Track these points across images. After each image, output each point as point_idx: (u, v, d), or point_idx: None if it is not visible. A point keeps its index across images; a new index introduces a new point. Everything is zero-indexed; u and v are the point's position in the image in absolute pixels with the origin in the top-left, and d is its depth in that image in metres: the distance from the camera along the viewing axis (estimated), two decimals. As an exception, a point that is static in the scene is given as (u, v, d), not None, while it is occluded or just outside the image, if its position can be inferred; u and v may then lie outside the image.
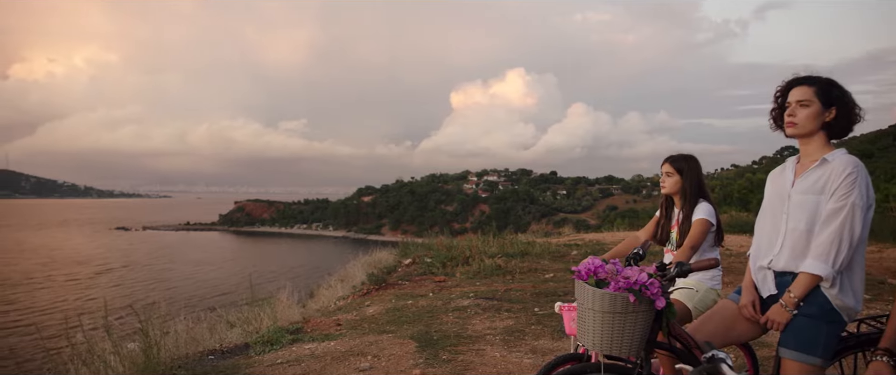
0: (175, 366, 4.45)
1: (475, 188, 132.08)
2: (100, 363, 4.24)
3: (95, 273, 57.23)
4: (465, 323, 5.83)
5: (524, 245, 12.07)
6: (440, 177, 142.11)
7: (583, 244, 13.08)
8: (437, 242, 12.32)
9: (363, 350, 4.86)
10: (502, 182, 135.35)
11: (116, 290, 46.82)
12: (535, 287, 7.92)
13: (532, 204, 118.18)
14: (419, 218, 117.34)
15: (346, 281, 10.91)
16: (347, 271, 11.98)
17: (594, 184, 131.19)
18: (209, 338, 6.05)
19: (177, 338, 5.19)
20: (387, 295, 7.97)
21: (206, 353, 5.11)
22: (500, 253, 10.70)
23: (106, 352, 4.38)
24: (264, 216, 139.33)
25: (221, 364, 4.70)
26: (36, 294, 44.19)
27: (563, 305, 3.21)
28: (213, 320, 6.98)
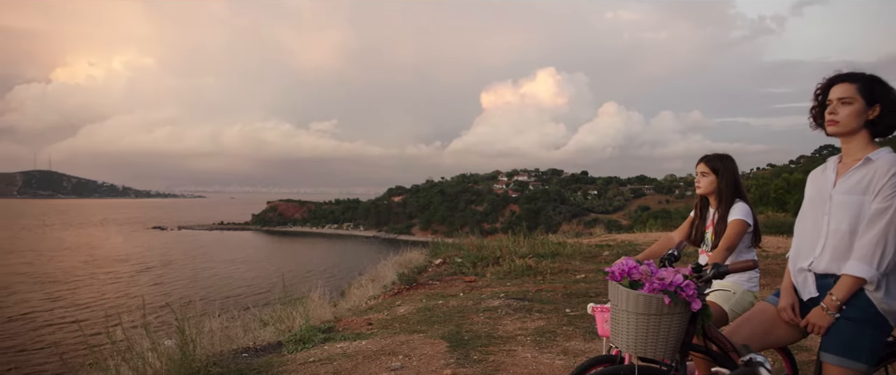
0: (210, 363, 4.52)
1: (505, 188, 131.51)
2: (138, 359, 4.33)
3: (136, 271, 58.67)
4: (495, 324, 5.82)
5: (555, 245, 11.99)
6: (470, 177, 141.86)
7: (614, 244, 12.94)
8: (468, 242, 12.31)
9: (394, 350, 4.88)
10: (533, 182, 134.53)
11: (155, 288, 47.94)
12: (566, 287, 7.86)
13: (563, 205, 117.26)
14: (449, 219, 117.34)
15: (377, 280, 10.97)
16: (378, 271, 12.05)
17: (626, 184, 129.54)
18: (243, 336, 6.14)
19: (212, 336, 5.28)
20: (417, 294, 7.99)
21: (241, 351, 5.20)
22: (531, 254, 10.64)
23: (144, 349, 4.48)
24: (296, 216, 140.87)
25: (255, 362, 4.77)
26: (79, 291, 45.55)
27: (595, 306, 3.18)
28: (247, 318, 7.08)
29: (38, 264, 62.49)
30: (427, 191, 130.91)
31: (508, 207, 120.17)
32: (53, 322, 33.81)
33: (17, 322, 33.73)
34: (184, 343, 4.39)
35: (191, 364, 4.32)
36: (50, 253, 73.71)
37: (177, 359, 4.33)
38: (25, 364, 22.97)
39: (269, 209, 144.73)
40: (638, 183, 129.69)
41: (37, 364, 22.96)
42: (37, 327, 32.56)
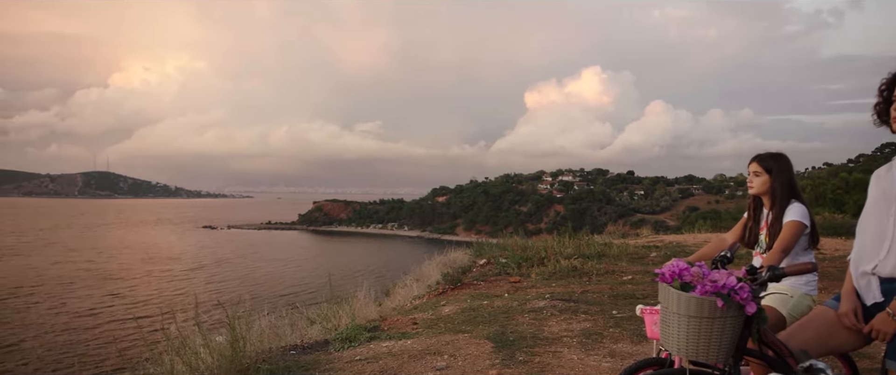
0: (259, 360, 4.61)
1: (550, 188, 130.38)
2: (191, 354, 4.45)
3: (189, 269, 60.47)
4: (541, 325, 5.77)
5: (601, 246, 11.82)
6: (514, 177, 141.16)
7: (662, 245, 12.68)
8: (512, 242, 12.24)
9: (439, 350, 4.89)
10: (578, 182, 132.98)
11: (207, 286, 49.29)
12: (612, 289, 7.74)
13: (608, 205, 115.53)
14: (493, 219, 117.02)
15: (422, 280, 11.01)
16: (422, 270, 12.10)
17: (673, 184, 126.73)
18: (291, 334, 6.25)
19: (261, 333, 5.39)
20: (462, 294, 8.00)
21: (288, 348, 5.29)
22: (576, 255, 10.52)
23: (197, 345, 4.60)
24: (341, 216, 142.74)
25: (302, 359, 4.85)
26: (138, 288, 47.26)
27: (644, 308, 3.11)
28: (295, 317, 7.21)
29: (100, 261, 65.14)
30: (471, 192, 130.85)
31: (553, 207, 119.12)
32: (114, 317, 35.21)
33: (83, 318, 35.26)
34: (234, 340, 4.49)
35: (241, 361, 4.42)
36: (110, 252, 76.72)
37: (228, 356, 4.43)
38: (88, 359, 23.98)
39: (315, 209, 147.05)
40: (686, 183, 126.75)
41: (98, 358, 23.96)
42: (99, 323, 33.94)
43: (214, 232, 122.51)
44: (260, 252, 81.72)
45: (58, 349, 26.99)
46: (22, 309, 37.91)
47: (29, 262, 62.77)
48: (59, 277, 51.68)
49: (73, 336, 30.25)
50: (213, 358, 4.43)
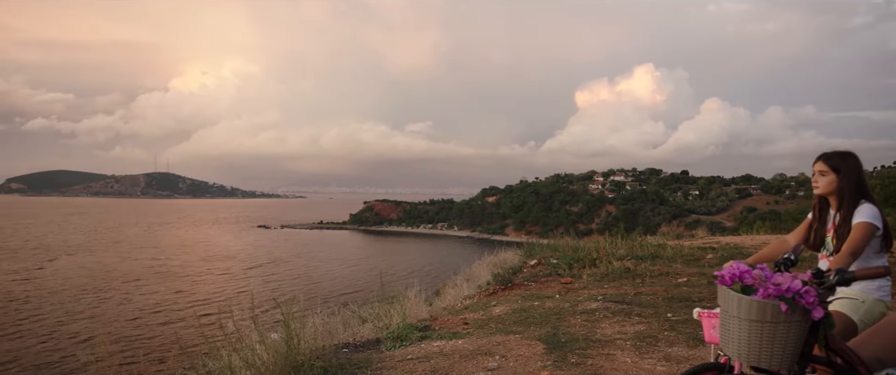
0: (313, 357, 4.70)
1: (601, 188, 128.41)
2: (248, 351, 4.57)
3: (247, 267, 62.27)
4: (593, 326, 5.69)
5: (654, 247, 11.56)
6: (565, 177, 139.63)
7: (719, 247, 12.30)
8: (563, 243, 12.10)
9: (490, 350, 4.88)
10: (630, 182, 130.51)
11: (263, 284, 50.68)
12: (667, 291, 7.56)
13: (662, 205, 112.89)
14: (544, 219, 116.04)
15: (472, 280, 11.01)
16: (473, 270, 12.10)
17: (730, 184, 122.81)
18: (343, 332, 6.36)
19: (315, 331, 5.50)
20: (513, 295, 7.96)
21: (341, 346, 5.38)
22: (629, 256, 10.33)
23: (253, 341, 4.73)
24: (392, 216, 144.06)
25: (355, 357, 4.92)
26: (198, 286, 49.00)
27: (702, 311, 3.03)
28: (347, 315, 7.33)
29: (163, 259, 67.82)
30: (521, 192, 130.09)
31: (604, 208, 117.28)
32: (178, 314, 36.66)
33: (148, 314, 36.85)
34: (289, 338, 4.59)
35: (295, 358, 4.51)
36: (172, 250, 79.74)
37: (282, 352, 4.53)
38: (153, 353, 24.97)
39: (366, 209, 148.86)
40: (743, 182, 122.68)
41: (161, 352, 24.94)
42: (164, 319, 35.39)
43: (268, 232, 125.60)
44: (313, 251, 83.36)
45: (126, 343, 28.27)
46: (95, 304, 39.89)
47: (98, 259, 65.91)
48: (126, 274, 54.06)
49: (140, 331, 31.68)
50: (269, 355, 4.54)
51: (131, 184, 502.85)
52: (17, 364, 25.88)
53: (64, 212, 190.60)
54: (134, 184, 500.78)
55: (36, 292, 44.12)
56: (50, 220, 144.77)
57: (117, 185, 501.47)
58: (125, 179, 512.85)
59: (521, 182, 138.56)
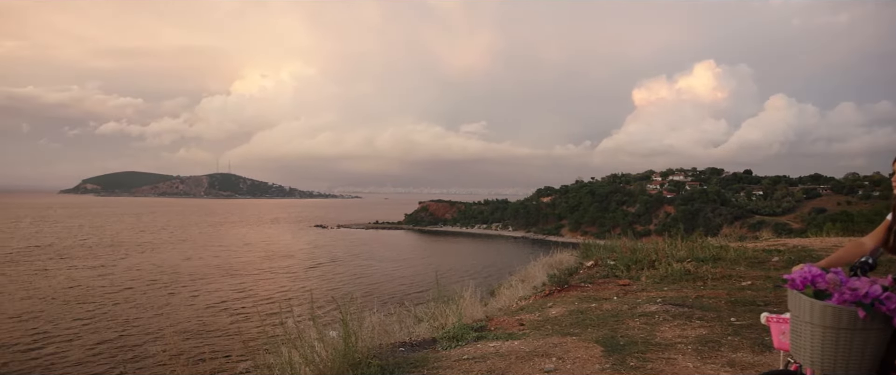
0: (370, 355, 4.76)
1: (659, 188, 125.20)
2: (307, 348, 4.67)
3: (307, 267, 63.76)
4: (653, 330, 5.55)
5: (716, 249, 11.19)
6: (621, 177, 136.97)
7: (785, 250, 11.80)
8: (621, 244, 11.89)
9: (547, 352, 4.84)
10: (689, 182, 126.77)
11: (322, 283, 51.79)
12: (729, 294, 7.31)
13: (723, 206, 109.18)
14: (600, 220, 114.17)
15: (527, 281, 10.95)
16: (528, 271, 12.03)
17: (797, 184, 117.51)
18: (399, 331, 6.42)
19: (372, 330, 5.58)
20: (569, 296, 7.86)
21: (397, 345, 5.43)
22: (690, 258, 10.04)
23: (312, 339, 4.83)
24: (446, 216, 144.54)
25: (411, 357, 4.96)
26: (260, 283, 50.49)
27: (770, 316, 2.91)
28: (403, 314, 7.40)
29: (226, 257, 70.21)
30: (577, 192, 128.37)
31: (663, 208, 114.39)
32: (241, 311, 37.93)
33: (213, 310, 38.25)
34: (347, 336, 4.67)
35: (353, 356, 4.58)
36: (234, 249, 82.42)
37: (340, 350, 4.61)
38: (218, 348, 25.93)
39: (421, 209, 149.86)
40: (812, 182, 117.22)
41: (224, 348, 25.89)
42: (229, 316, 36.67)
43: (325, 231, 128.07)
44: (369, 251, 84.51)
45: (193, 338, 29.46)
46: (164, 300, 41.68)
47: (166, 257, 68.77)
48: (193, 272, 56.20)
49: (206, 327, 32.93)
50: (327, 352, 4.63)
51: (195, 184, 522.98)
52: (96, 357, 27.32)
53: (134, 212, 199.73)
54: (197, 185, 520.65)
55: (110, 288, 46.45)
56: (121, 219, 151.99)
57: (182, 186, 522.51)
58: (189, 180, 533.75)
59: (577, 182, 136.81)
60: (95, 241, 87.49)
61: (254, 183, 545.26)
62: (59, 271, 55.10)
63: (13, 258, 64.40)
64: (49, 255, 68.03)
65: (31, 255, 67.42)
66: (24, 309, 37.29)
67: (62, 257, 66.65)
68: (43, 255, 67.68)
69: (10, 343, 29.37)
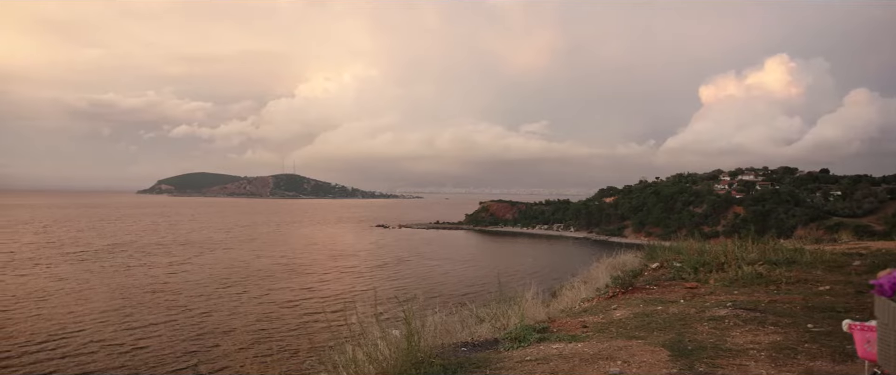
0: (433, 354, 4.79)
1: (728, 188, 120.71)
2: (370, 345, 4.75)
3: (373, 266, 64.90)
4: (722, 335, 5.36)
5: (790, 252, 10.69)
6: (688, 176, 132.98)
7: (868, 253, 11.16)
8: (687, 246, 11.53)
9: (612, 355, 4.75)
10: (760, 181, 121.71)
11: (385, 282, 52.73)
12: (806, 299, 6.98)
13: (797, 207, 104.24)
14: (665, 220, 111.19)
15: (590, 282, 10.78)
16: (590, 273, 11.85)
17: (880, 184, 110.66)
18: (461, 331, 6.44)
19: (434, 329, 5.62)
20: (634, 299, 7.69)
21: (459, 345, 5.45)
22: (761, 260, 9.63)
23: (376, 337, 4.91)
24: (507, 216, 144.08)
25: (473, 357, 4.97)
26: (326, 282, 51.78)
27: (853, 324, 2.76)
28: (464, 314, 7.42)
29: (293, 256, 72.37)
30: (640, 192, 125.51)
31: (731, 209, 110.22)
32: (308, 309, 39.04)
33: (282, 308, 39.54)
34: (409, 335, 4.72)
35: (415, 355, 4.62)
36: (301, 248, 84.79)
37: (403, 349, 4.66)
38: (286, 345, 26.76)
39: (482, 209, 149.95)
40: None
41: (291, 345, 26.70)
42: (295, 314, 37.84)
43: (387, 231, 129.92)
44: (431, 251, 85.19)
45: (262, 335, 30.54)
46: (235, 297, 43.35)
47: (236, 256, 71.48)
48: (261, 270, 58.19)
49: (274, 325, 34.09)
50: (390, 351, 4.69)
51: (261, 185, 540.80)
52: (173, 350, 28.68)
53: (205, 212, 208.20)
54: (264, 185, 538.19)
55: (186, 285, 48.67)
56: (193, 219, 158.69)
57: (249, 186, 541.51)
58: (256, 181, 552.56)
59: (641, 182, 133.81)
60: (171, 240, 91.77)
61: (317, 183, 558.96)
62: (139, 268, 58.12)
63: (98, 255, 68.39)
64: (129, 253, 71.87)
65: (114, 253, 71.39)
66: (109, 304, 39.57)
67: (141, 255, 70.21)
68: (124, 253, 71.54)
69: (101, 337, 31.21)
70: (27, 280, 49.46)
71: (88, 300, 40.95)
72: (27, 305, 38.67)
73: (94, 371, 25.51)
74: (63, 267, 57.39)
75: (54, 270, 55.44)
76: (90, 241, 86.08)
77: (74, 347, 29.04)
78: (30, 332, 31.60)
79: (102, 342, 29.97)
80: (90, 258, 65.87)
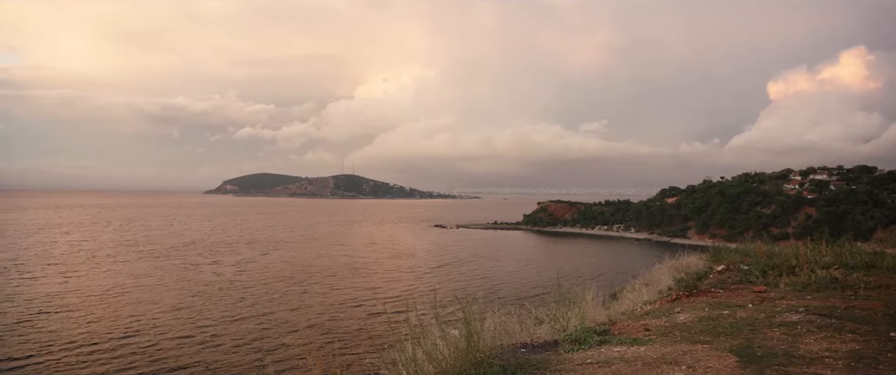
0: (492, 355, 4.80)
1: (799, 188, 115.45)
2: (430, 345, 4.79)
3: (435, 266, 65.44)
4: (795, 341, 5.14)
5: (869, 255, 10.14)
6: (755, 176, 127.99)
7: (957, 257, 10.48)
8: (755, 248, 11.11)
9: (676, 360, 4.63)
10: (834, 181, 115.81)
11: (445, 282, 53.10)
12: (888, 306, 6.61)
13: (876, 208, 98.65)
14: (730, 222, 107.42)
15: (651, 284, 10.56)
16: (652, 275, 11.61)
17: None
18: (520, 332, 6.41)
19: (494, 329, 5.61)
20: (698, 302, 7.48)
21: (518, 346, 5.43)
22: (837, 264, 9.18)
23: (435, 337, 4.95)
24: (566, 216, 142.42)
25: (533, 358, 4.94)
26: (386, 282, 52.62)
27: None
28: (523, 315, 7.38)
29: (353, 256, 73.84)
30: (704, 192, 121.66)
31: (802, 210, 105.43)
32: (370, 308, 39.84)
33: (343, 306, 40.37)
34: (469, 335, 4.73)
35: (475, 355, 4.64)
36: (362, 247, 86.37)
37: (462, 348, 4.68)
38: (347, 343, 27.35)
39: (540, 209, 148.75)
40: None
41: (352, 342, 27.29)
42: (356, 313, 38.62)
43: (445, 231, 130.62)
44: (490, 251, 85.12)
45: (325, 332, 31.29)
46: (299, 295, 44.60)
47: (299, 255, 73.47)
48: (324, 269, 59.66)
49: (337, 323, 34.87)
50: (450, 350, 4.72)
51: (322, 185, 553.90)
52: (240, 346, 29.75)
53: (268, 211, 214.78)
54: (324, 186, 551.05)
55: (251, 282, 50.39)
56: (257, 218, 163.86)
57: (310, 187, 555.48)
58: (317, 181, 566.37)
59: (705, 181, 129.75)
60: (236, 238, 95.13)
61: (376, 183, 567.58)
62: (207, 266, 60.52)
63: (168, 253, 71.59)
64: (197, 251, 74.91)
65: (183, 251, 74.53)
66: (181, 300, 41.39)
67: (210, 253, 73.03)
68: (192, 251, 74.62)
69: (173, 333, 32.69)
70: (108, 276, 52.38)
71: (162, 296, 42.95)
72: (109, 300, 40.96)
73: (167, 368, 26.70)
74: (138, 265, 60.38)
75: (131, 267, 58.42)
76: (162, 240, 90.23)
77: (150, 341, 30.59)
78: (113, 326, 33.48)
79: (175, 337, 31.42)
80: (162, 255, 69.05)
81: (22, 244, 78.80)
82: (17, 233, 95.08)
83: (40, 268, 56.13)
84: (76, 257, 65.51)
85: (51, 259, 63.17)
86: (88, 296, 42.17)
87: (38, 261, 60.77)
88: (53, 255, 66.71)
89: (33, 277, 50.54)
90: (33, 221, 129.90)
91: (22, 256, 64.80)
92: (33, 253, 68.51)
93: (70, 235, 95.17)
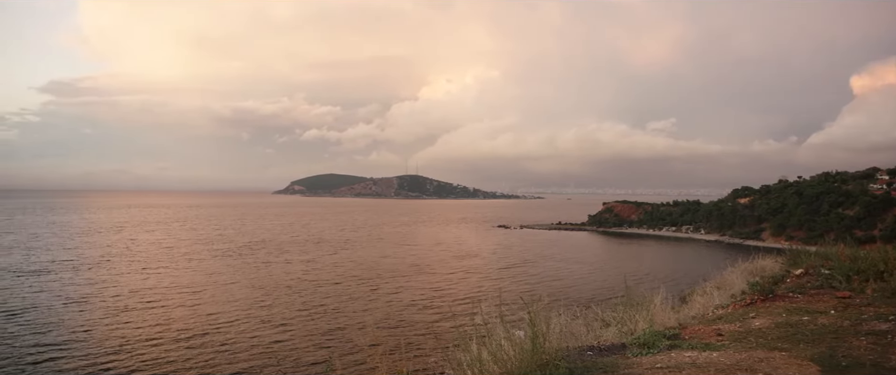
0: (558, 357, 4.74)
1: (887, 188, 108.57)
2: (495, 345, 4.78)
3: (501, 267, 65.30)
4: (885, 351, 4.84)
5: (968, 259, 9.44)
6: (836, 175, 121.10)
7: None
8: (838, 251, 10.53)
9: (752, 367, 4.45)
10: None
11: (512, 283, 52.90)
12: None
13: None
14: (809, 223, 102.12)
15: (723, 288, 10.20)
16: (724, 278, 11.23)
17: None
18: (586, 334, 6.32)
19: (559, 331, 5.54)
20: (775, 307, 7.15)
21: (585, 348, 5.34)
22: (932, 269, 8.58)
23: (500, 337, 4.93)
24: (632, 217, 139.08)
25: (600, 361, 4.85)
26: (452, 283, 52.91)
27: None
28: (589, 317, 7.26)
29: (419, 255, 74.59)
30: (780, 192, 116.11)
31: (891, 211, 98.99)
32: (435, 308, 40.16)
33: (410, 306, 40.90)
34: (534, 336, 4.69)
35: (540, 356, 4.59)
36: (427, 247, 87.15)
37: (527, 350, 4.65)
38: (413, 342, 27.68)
39: (605, 210, 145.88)
40: None
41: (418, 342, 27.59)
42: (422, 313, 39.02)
43: (509, 232, 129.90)
44: (554, 252, 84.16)
45: (391, 331, 31.76)
46: (367, 295, 45.47)
47: (366, 255, 74.81)
48: (390, 269, 60.48)
49: (403, 322, 35.34)
50: (515, 351, 4.69)
51: (386, 186, 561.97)
52: (310, 343, 30.62)
53: (334, 211, 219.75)
54: (388, 186, 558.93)
55: (320, 281, 51.72)
56: (324, 218, 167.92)
57: (375, 187, 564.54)
58: (381, 182, 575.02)
59: (781, 181, 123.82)
60: (304, 238, 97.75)
61: (439, 184, 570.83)
62: (277, 265, 62.42)
63: (240, 252, 74.31)
64: (268, 250, 77.40)
65: (254, 250, 77.20)
66: (252, 298, 42.88)
67: (279, 252, 75.35)
68: (263, 250, 77.16)
69: (245, 329, 33.95)
70: (184, 273, 54.87)
71: (234, 294, 44.59)
72: (185, 297, 42.86)
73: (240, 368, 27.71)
74: (211, 263, 62.94)
75: (205, 265, 60.94)
76: (233, 238, 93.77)
77: (224, 338, 31.76)
78: (193, 323, 35.05)
79: (247, 334, 32.55)
80: (234, 254, 71.71)
81: (105, 241, 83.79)
82: (102, 232, 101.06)
83: (126, 264, 59.54)
84: (155, 254, 69.06)
85: (133, 256, 66.82)
86: (167, 293, 44.32)
87: (122, 258, 64.38)
88: (135, 252, 70.57)
89: (119, 273, 53.57)
90: (115, 220, 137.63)
91: (109, 253, 68.92)
92: (115, 250, 72.67)
93: (150, 234, 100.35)
